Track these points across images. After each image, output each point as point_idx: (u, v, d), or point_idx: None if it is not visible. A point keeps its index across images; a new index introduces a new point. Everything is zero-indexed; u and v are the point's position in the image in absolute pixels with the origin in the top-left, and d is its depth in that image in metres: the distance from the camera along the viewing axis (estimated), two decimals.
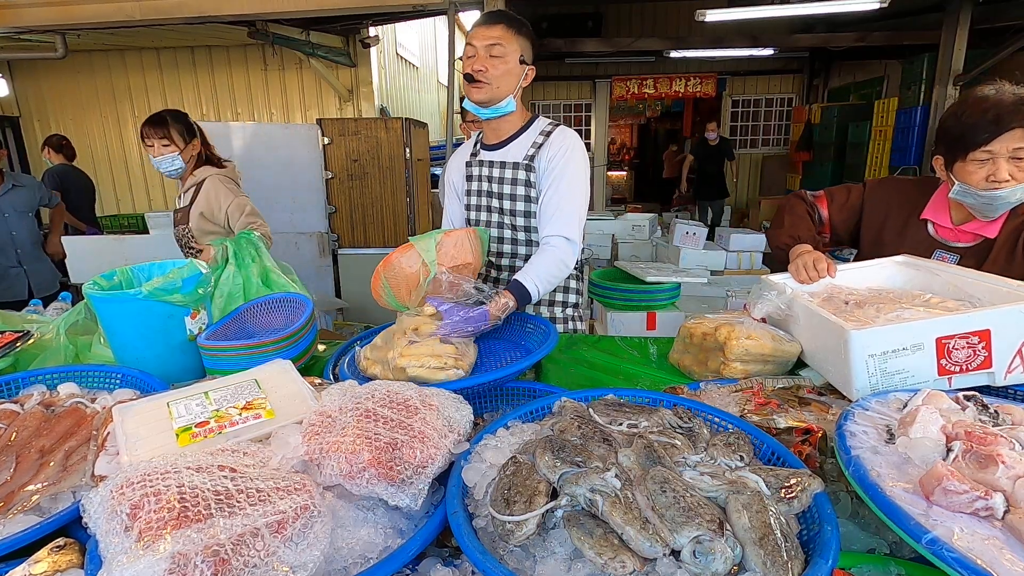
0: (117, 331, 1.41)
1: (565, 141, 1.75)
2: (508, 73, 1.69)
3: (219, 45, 6.87)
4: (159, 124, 2.43)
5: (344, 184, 4.77)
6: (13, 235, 3.59)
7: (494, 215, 1.86)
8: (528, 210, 1.80)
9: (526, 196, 1.79)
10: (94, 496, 0.72)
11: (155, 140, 2.42)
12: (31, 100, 7.33)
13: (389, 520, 0.82)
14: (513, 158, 1.80)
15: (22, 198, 3.66)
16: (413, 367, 1.18)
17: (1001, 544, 0.67)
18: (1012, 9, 5.48)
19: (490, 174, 1.84)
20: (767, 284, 1.48)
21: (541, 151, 1.76)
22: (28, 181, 3.80)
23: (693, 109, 12.34)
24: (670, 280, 3.52)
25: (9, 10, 4.56)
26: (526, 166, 1.77)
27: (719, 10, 5.34)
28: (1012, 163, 1.28)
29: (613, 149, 13.79)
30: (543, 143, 1.77)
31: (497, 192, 1.83)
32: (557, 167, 1.73)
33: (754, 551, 0.66)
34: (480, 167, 1.86)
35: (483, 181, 1.86)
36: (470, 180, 1.90)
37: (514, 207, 1.81)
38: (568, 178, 1.73)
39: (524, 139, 1.81)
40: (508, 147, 1.82)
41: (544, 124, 1.82)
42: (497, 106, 1.73)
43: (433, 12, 5.07)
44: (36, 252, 3.74)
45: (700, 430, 0.92)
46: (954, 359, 1.09)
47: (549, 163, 1.74)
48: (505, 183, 1.81)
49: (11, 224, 3.59)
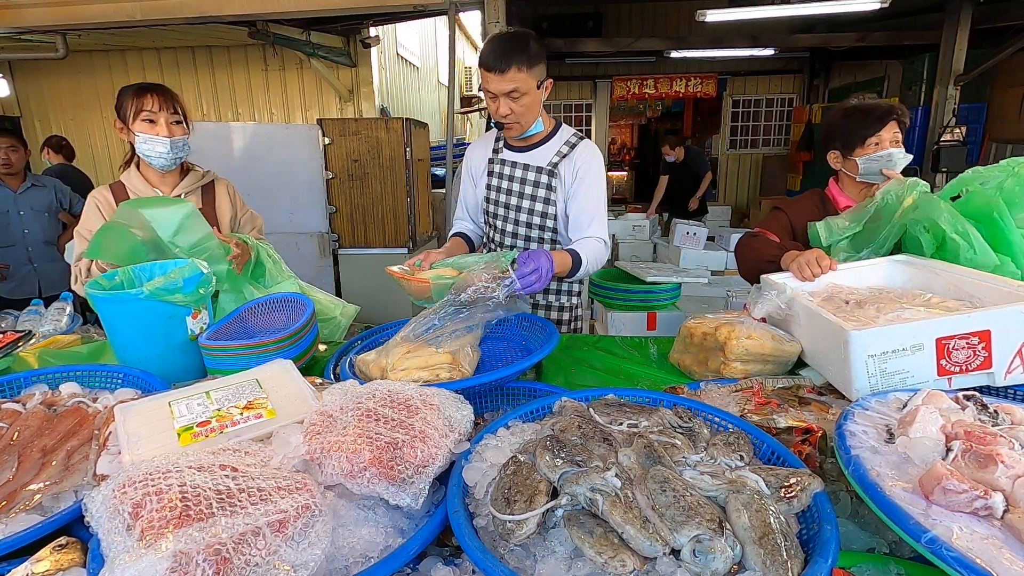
0: (118, 331, 1.41)
1: (592, 154, 1.86)
2: (532, 106, 1.75)
3: (220, 45, 6.87)
4: (169, 93, 1.82)
5: (344, 184, 4.78)
6: (26, 233, 3.63)
7: (512, 212, 1.92)
8: (545, 211, 1.87)
9: (546, 199, 1.86)
10: (96, 495, 0.72)
11: (163, 114, 1.77)
12: (32, 100, 7.33)
13: (390, 519, 0.82)
14: (538, 162, 1.87)
15: (40, 198, 3.69)
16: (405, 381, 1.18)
17: (1000, 543, 0.67)
18: (1012, 9, 5.48)
19: (512, 173, 1.89)
20: (767, 284, 1.48)
21: (567, 160, 1.84)
22: (50, 183, 3.82)
23: (693, 109, 12.33)
24: (670, 280, 3.52)
25: (10, 10, 4.57)
26: (549, 172, 1.84)
27: (719, 10, 5.33)
28: (893, 144, 1.78)
29: (613, 149, 13.79)
30: (568, 153, 1.85)
31: (518, 191, 1.89)
32: (589, 177, 1.83)
33: (754, 550, 0.66)
34: (503, 166, 1.91)
35: (503, 179, 1.91)
36: (491, 176, 1.95)
37: (533, 207, 1.87)
38: (596, 188, 1.85)
39: (550, 146, 1.88)
40: (534, 152, 1.89)
41: (568, 134, 1.89)
42: (527, 132, 1.82)
43: (433, 12, 5.07)
44: (49, 252, 3.76)
45: (700, 430, 0.93)
46: (954, 360, 1.10)
47: (577, 173, 1.83)
48: (527, 184, 1.87)
49: (26, 223, 3.63)
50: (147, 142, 1.77)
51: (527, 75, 1.66)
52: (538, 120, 1.81)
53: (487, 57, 1.67)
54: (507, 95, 1.68)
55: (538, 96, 1.75)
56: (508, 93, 1.68)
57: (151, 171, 1.88)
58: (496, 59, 1.65)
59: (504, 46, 1.66)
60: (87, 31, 5.11)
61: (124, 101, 1.79)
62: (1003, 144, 5.92)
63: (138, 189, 1.89)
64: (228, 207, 2.01)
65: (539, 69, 1.70)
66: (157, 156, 1.80)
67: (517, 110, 1.72)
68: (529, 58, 1.66)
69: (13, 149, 3.56)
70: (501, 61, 1.64)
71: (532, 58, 1.66)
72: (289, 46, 5.72)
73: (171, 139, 1.78)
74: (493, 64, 1.66)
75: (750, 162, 10.13)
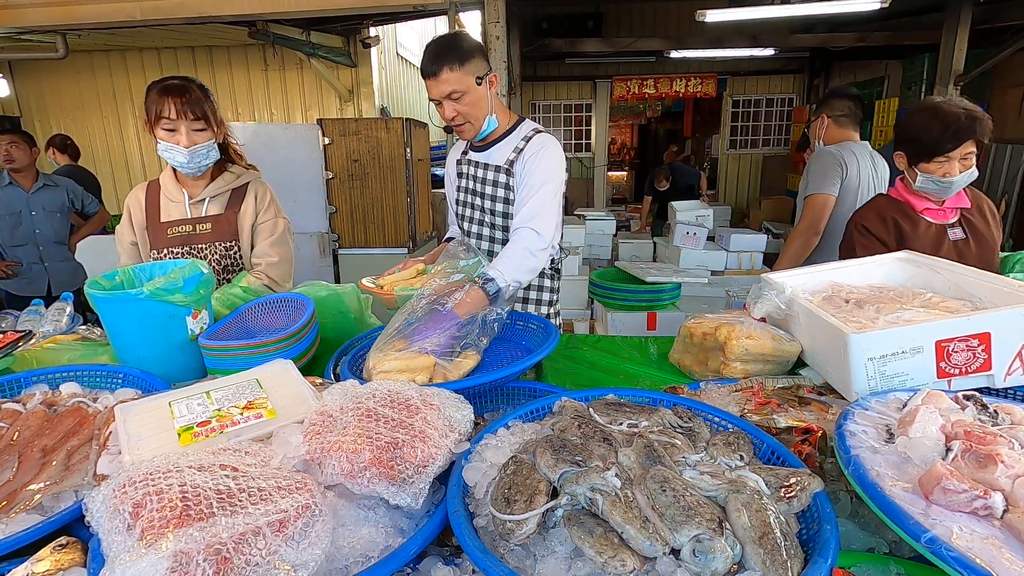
0: (119, 331, 1.41)
1: (539, 146, 1.78)
2: (477, 103, 1.71)
3: (220, 45, 6.88)
4: (192, 96, 1.70)
5: (344, 184, 4.78)
6: (36, 233, 3.69)
7: (476, 212, 1.92)
8: (507, 211, 1.85)
9: (505, 199, 1.84)
10: (96, 495, 0.72)
11: (182, 122, 1.68)
12: (32, 100, 7.34)
13: (390, 519, 0.82)
14: (496, 161, 1.85)
15: (52, 198, 3.75)
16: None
17: (1000, 543, 0.67)
18: (1012, 9, 5.48)
19: (475, 174, 1.89)
20: (767, 283, 1.48)
21: (519, 156, 1.80)
22: (63, 183, 3.87)
23: (693, 109, 12.34)
24: (670, 280, 3.53)
25: (10, 10, 4.57)
26: (506, 170, 1.82)
27: (719, 10, 5.33)
28: (961, 163, 1.71)
29: (613, 149, 13.80)
30: (523, 148, 1.80)
31: (480, 192, 1.88)
32: (527, 167, 1.77)
33: (754, 550, 0.66)
34: (468, 166, 1.92)
35: (469, 180, 1.92)
36: (460, 178, 1.96)
37: (495, 207, 1.86)
38: (538, 175, 1.75)
39: (508, 143, 1.84)
40: (492, 150, 1.87)
41: (528, 129, 1.84)
42: (482, 130, 1.78)
43: (433, 12, 5.07)
44: (59, 251, 3.82)
45: (700, 430, 0.93)
46: (953, 362, 1.09)
47: (526, 166, 1.78)
48: (487, 184, 1.86)
49: (37, 222, 3.69)
50: (167, 150, 1.73)
51: (460, 73, 1.64)
52: (491, 117, 1.76)
53: (422, 65, 1.67)
54: (447, 97, 1.67)
55: (482, 92, 1.71)
56: (448, 96, 1.66)
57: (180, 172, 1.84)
58: (427, 63, 1.65)
59: (433, 50, 1.65)
60: (87, 31, 5.11)
61: (148, 100, 1.72)
62: (1003, 144, 5.92)
63: (168, 188, 1.87)
64: (251, 213, 1.90)
65: (474, 65, 1.66)
66: (178, 165, 1.77)
67: (462, 110, 1.70)
68: (460, 56, 1.64)
69: (14, 144, 3.60)
70: (432, 64, 1.64)
71: (463, 55, 1.64)
72: (289, 46, 5.72)
73: (190, 149, 1.71)
74: (426, 70, 1.66)
75: (750, 162, 10.13)
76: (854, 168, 2.54)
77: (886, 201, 1.90)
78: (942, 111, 1.70)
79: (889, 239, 1.82)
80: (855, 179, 2.54)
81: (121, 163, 7.52)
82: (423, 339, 1.29)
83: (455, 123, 1.73)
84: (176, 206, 1.86)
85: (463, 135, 1.80)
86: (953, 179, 1.71)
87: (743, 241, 5.08)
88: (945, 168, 1.71)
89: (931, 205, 1.82)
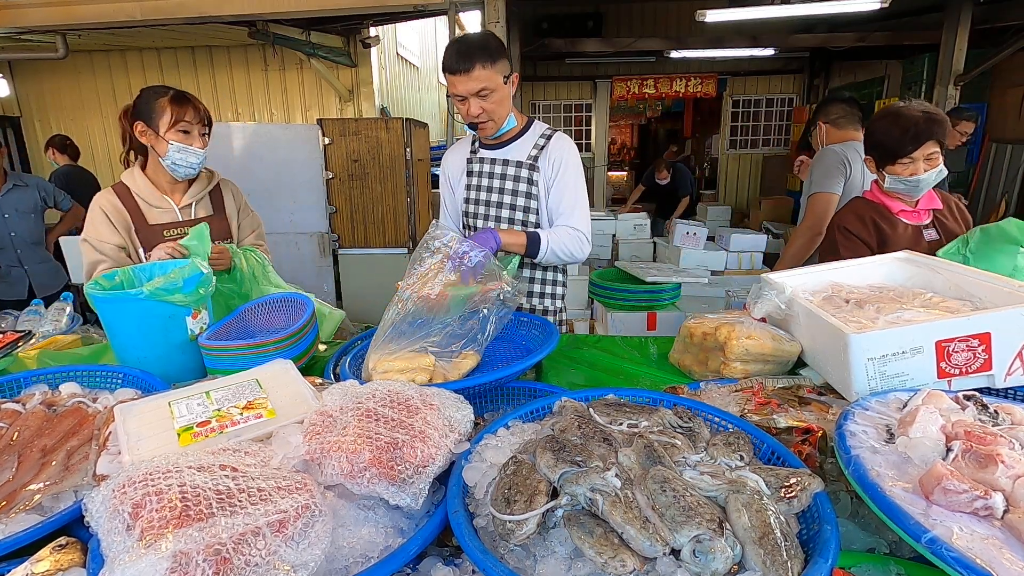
0: (118, 331, 1.41)
1: (567, 145, 1.87)
2: (501, 101, 1.76)
3: (219, 45, 6.87)
4: (200, 104, 1.82)
5: (344, 184, 4.78)
6: (12, 236, 3.58)
7: (492, 209, 1.93)
8: (527, 206, 1.89)
9: (527, 193, 1.87)
10: (96, 495, 0.72)
11: (198, 126, 1.79)
12: (32, 100, 7.33)
13: (390, 519, 0.82)
14: (517, 157, 1.88)
15: (24, 198, 3.63)
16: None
17: (1000, 543, 0.67)
18: (1012, 9, 5.47)
19: (491, 171, 1.91)
20: (767, 283, 1.48)
21: (544, 153, 1.86)
22: (32, 181, 3.77)
23: (693, 109, 12.33)
24: (670, 280, 3.52)
25: (10, 10, 4.57)
26: (530, 165, 1.86)
27: (719, 10, 5.33)
28: (926, 162, 1.77)
29: (613, 149, 13.81)
30: (545, 146, 1.86)
31: (498, 187, 1.90)
32: (567, 168, 1.84)
33: (754, 550, 0.66)
34: (481, 164, 1.93)
35: (483, 177, 1.93)
36: (470, 176, 1.96)
37: (514, 202, 1.89)
38: (575, 180, 1.86)
39: (525, 140, 1.89)
40: (510, 147, 1.90)
41: (543, 128, 1.91)
42: (501, 128, 1.82)
43: (433, 12, 5.07)
44: (38, 253, 3.72)
45: (700, 430, 0.93)
46: (954, 362, 1.09)
47: (553, 164, 1.84)
48: (507, 179, 1.89)
49: (11, 225, 3.58)
50: (181, 152, 1.76)
51: (491, 71, 1.68)
52: (510, 116, 1.82)
53: (450, 61, 1.68)
54: (476, 95, 1.70)
55: (506, 91, 1.76)
56: (477, 92, 1.69)
57: (163, 177, 1.85)
58: (459, 60, 1.67)
59: (465, 46, 1.68)
60: (87, 31, 5.11)
61: (156, 107, 1.75)
62: (1003, 144, 5.92)
63: (146, 195, 1.85)
64: (235, 210, 2.00)
65: (502, 64, 1.71)
66: (187, 167, 1.80)
67: (488, 108, 1.73)
68: (491, 54, 1.67)
69: None
70: (464, 61, 1.66)
71: (494, 54, 1.68)
72: (289, 46, 5.72)
73: (204, 150, 1.81)
74: (457, 66, 1.67)
75: (750, 162, 10.12)
76: (858, 166, 2.55)
77: (863, 203, 1.94)
78: (902, 115, 1.78)
79: (871, 240, 1.86)
80: (859, 177, 2.56)
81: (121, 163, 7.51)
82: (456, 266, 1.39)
83: (479, 120, 1.76)
84: (163, 212, 1.86)
85: (484, 132, 1.83)
86: (920, 177, 1.77)
87: (743, 241, 5.08)
88: (911, 168, 1.78)
89: (906, 207, 1.86)
